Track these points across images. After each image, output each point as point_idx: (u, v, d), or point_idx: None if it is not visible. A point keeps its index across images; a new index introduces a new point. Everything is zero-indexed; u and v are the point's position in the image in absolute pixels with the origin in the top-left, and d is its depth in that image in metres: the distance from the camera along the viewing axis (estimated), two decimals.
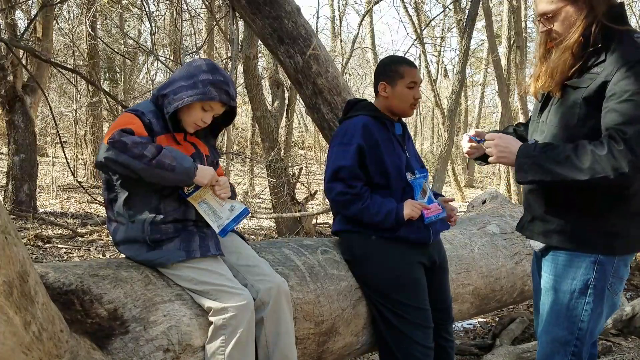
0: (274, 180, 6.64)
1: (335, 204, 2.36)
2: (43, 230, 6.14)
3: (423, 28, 14.47)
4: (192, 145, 2.02)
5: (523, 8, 12.65)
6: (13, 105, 6.84)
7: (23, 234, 5.57)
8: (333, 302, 2.29)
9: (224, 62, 7.98)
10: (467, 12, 10.27)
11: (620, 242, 1.72)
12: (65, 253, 5.34)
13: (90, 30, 10.05)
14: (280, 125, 9.46)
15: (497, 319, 3.94)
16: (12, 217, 6.36)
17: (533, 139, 1.86)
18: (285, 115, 9.30)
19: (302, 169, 8.10)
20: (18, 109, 6.87)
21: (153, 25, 6.28)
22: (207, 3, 6.17)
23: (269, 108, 7.85)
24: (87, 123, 12.20)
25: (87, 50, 10.91)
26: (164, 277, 1.92)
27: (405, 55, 9.47)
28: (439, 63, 19.63)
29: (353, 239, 2.39)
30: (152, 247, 1.90)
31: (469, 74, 20.71)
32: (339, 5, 15.78)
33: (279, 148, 7.05)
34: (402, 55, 2.84)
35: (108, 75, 14.29)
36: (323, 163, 10.54)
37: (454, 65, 17.32)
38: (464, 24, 10.25)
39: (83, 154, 12.71)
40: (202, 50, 8.57)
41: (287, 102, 9.03)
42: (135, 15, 12.94)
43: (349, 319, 2.35)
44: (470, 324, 4.07)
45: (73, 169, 9.82)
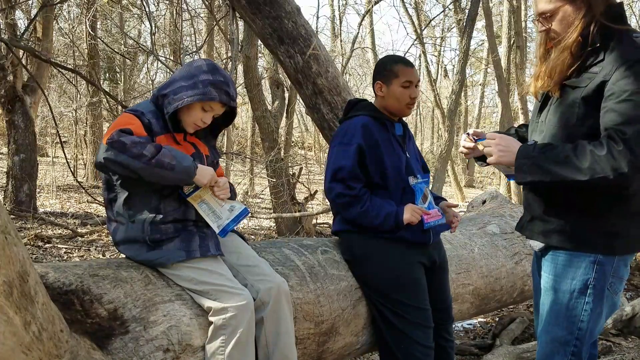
0: (274, 180, 6.64)
1: (335, 206, 2.36)
2: (43, 230, 6.14)
3: (423, 28, 14.47)
4: (191, 146, 2.02)
5: (523, 8, 12.65)
6: (13, 105, 6.84)
7: (23, 234, 5.57)
8: (333, 302, 2.29)
9: (224, 62, 7.98)
10: (467, 12, 10.27)
11: (620, 242, 1.71)
12: (65, 253, 5.34)
13: (90, 30, 10.06)
14: (280, 125, 9.46)
15: (497, 319, 3.94)
16: (12, 217, 6.36)
17: (532, 140, 1.86)
18: (285, 115, 9.30)
19: (302, 169, 8.10)
20: (18, 109, 6.87)
21: (153, 25, 6.27)
22: (207, 3, 6.17)
23: (269, 108, 7.85)
24: (87, 123, 12.22)
25: (87, 50, 10.91)
26: (164, 277, 1.92)
27: (405, 55, 9.48)
28: (439, 63, 19.63)
29: (353, 239, 2.39)
30: (152, 247, 1.90)
31: (469, 74, 20.73)
32: (339, 5, 15.82)
33: (279, 148, 7.05)
34: (398, 55, 2.84)
35: (108, 75, 14.30)
36: (323, 163, 10.54)
37: (454, 65, 17.34)
38: (464, 24, 10.25)
39: (83, 154, 12.72)
40: (202, 50, 8.57)
41: (287, 102, 9.04)
42: (135, 15, 12.95)
43: (349, 319, 2.35)
44: (470, 324, 4.07)
45: (73, 169, 9.83)
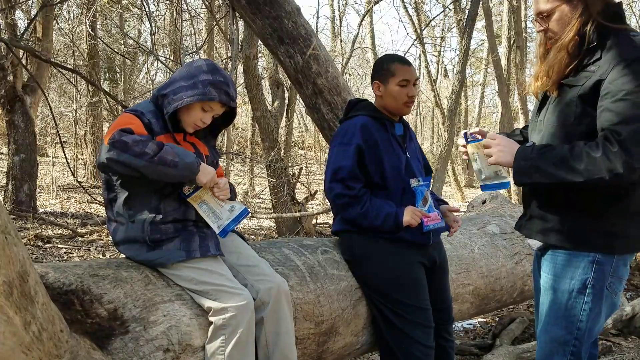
0: (274, 180, 6.64)
1: (335, 206, 2.36)
2: (43, 230, 6.14)
3: (423, 28, 14.47)
4: (191, 146, 2.02)
5: (523, 8, 12.65)
6: (13, 105, 6.85)
7: (23, 234, 5.57)
8: (333, 302, 2.29)
9: (224, 62, 7.98)
10: (467, 12, 10.28)
11: (620, 241, 1.72)
12: (65, 253, 5.34)
13: (90, 30, 10.06)
14: (280, 125, 9.46)
15: (497, 319, 3.94)
16: (12, 217, 6.36)
17: (531, 141, 1.86)
18: (285, 115, 9.30)
19: (302, 169, 8.11)
20: (18, 109, 6.88)
21: (153, 25, 6.28)
22: (207, 3, 6.17)
23: (269, 108, 7.85)
24: (87, 123, 12.22)
25: (87, 50, 10.92)
26: (164, 277, 1.92)
27: (405, 55, 9.47)
28: (439, 63, 19.62)
29: (353, 239, 2.39)
30: (152, 247, 1.90)
31: (469, 74, 20.73)
32: (339, 5, 15.81)
33: (279, 148, 7.05)
34: (396, 53, 2.83)
35: (108, 75, 14.30)
36: (323, 163, 10.54)
37: (454, 65, 17.33)
38: (464, 24, 10.26)
39: (83, 154, 12.72)
40: (202, 50, 8.58)
41: (287, 102, 9.04)
42: (135, 15, 12.95)
43: (349, 319, 2.35)
44: (470, 324, 4.07)
45: (73, 169, 9.84)
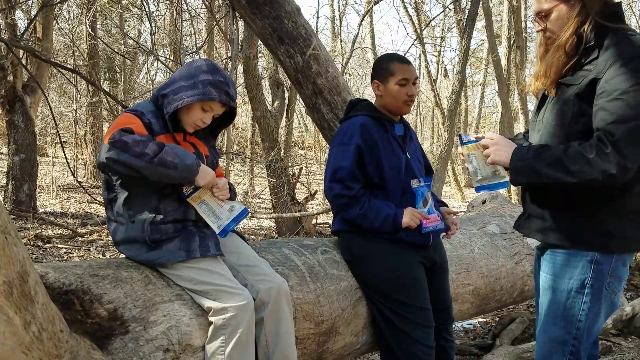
0: (274, 180, 6.64)
1: (334, 206, 2.36)
2: (43, 230, 6.14)
3: (423, 28, 14.46)
4: (191, 146, 2.02)
5: (523, 8, 12.66)
6: (13, 105, 6.85)
7: (23, 234, 5.57)
8: (333, 302, 2.29)
9: (224, 62, 7.98)
10: (467, 12, 10.27)
11: (616, 241, 1.72)
12: (65, 253, 5.34)
13: (90, 30, 10.06)
14: (280, 125, 9.46)
15: (497, 319, 3.94)
16: (12, 217, 6.36)
17: (531, 140, 1.87)
18: (285, 115, 9.30)
19: (302, 169, 8.11)
20: (18, 109, 6.88)
21: (153, 25, 6.28)
22: (207, 3, 6.17)
23: (269, 108, 7.85)
24: (87, 123, 12.22)
25: (87, 50, 10.92)
26: (164, 277, 1.92)
27: (405, 55, 9.46)
28: (439, 63, 19.59)
29: (353, 239, 2.39)
30: (152, 247, 1.90)
31: (469, 74, 20.71)
32: (339, 5, 15.80)
33: (279, 148, 7.05)
34: (395, 52, 2.83)
35: (108, 75, 14.30)
36: (323, 163, 10.54)
37: (454, 65, 17.31)
38: (464, 24, 10.25)
39: (83, 154, 12.73)
40: (202, 50, 8.58)
41: (287, 102, 9.04)
42: (135, 15, 12.95)
43: (349, 319, 2.35)
44: (470, 324, 4.07)
45: (73, 169, 9.84)
